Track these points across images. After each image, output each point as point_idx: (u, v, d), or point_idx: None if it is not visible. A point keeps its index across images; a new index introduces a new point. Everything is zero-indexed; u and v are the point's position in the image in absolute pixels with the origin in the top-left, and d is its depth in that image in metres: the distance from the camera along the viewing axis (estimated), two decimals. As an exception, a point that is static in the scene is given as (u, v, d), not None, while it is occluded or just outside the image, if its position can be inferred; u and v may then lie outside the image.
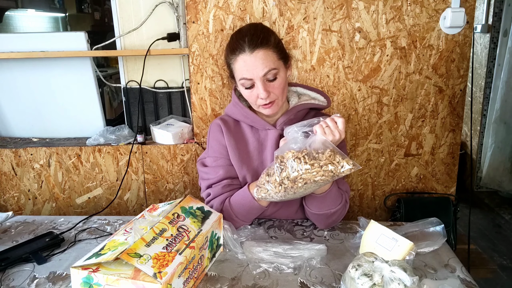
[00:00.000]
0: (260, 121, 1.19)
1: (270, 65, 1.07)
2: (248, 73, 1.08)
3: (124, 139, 1.64)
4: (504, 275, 2.22)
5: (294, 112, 1.19)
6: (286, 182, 0.97)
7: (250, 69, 1.07)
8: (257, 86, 1.09)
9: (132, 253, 0.77)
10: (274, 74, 1.09)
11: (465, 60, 1.47)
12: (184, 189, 1.65)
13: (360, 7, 1.41)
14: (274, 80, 1.09)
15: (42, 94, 1.70)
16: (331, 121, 1.00)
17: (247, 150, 1.20)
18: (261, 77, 1.07)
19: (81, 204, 1.67)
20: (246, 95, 1.14)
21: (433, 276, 0.93)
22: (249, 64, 1.07)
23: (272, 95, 1.10)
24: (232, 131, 1.21)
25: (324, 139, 0.98)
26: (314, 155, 0.97)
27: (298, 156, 0.96)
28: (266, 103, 1.11)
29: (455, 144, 1.56)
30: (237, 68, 1.11)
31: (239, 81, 1.11)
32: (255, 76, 1.07)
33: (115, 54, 1.78)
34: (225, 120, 1.24)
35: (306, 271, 0.95)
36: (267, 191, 1.00)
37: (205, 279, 0.93)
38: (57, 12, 4.14)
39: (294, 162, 0.96)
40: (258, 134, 1.21)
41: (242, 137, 1.21)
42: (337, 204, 1.10)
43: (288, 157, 0.97)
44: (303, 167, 0.95)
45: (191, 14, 1.45)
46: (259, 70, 1.07)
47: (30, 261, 1.01)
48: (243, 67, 1.08)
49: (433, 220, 1.08)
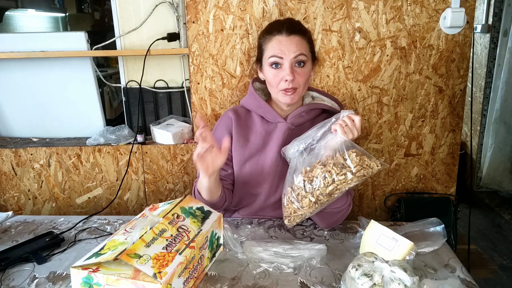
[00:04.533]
0: (272, 112, 1.21)
1: (302, 50, 1.13)
2: (281, 52, 1.12)
3: (124, 139, 1.64)
4: (504, 275, 2.22)
5: (306, 109, 1.21)
6: (321, 197, 0.97)
7: (284, 49, 1.12)
8: (284, 67, 1.12)
9: (132, 254, 0.77)
10: (303, 60, 1.13)
11: (465, 60, 1.47)
12: (184, 189, 1.65)
13: (360, 7, 1.41)
14: (302, 67, 1.14)
15: (42, 94, 1.70)
16: (348, 119, 1.01)
17: (253, 139, 1.22)
18: (292, 59, 1.12)
19: (81, 204, 1.67)
20: (270, 76, 1.16)
21: (433, 276, 0.93)
22: (284, 44, 1.13)
23: (295, 81, 1.13)
24: (242, 119, 1.25)
25: (345, 139, 0.98)
26: (342, 162, 0.95)
27: (328, 169, 0.95)
28: (289, 87, 1.12)
29: (455, 144, 1.56)
30: (269, 47, 1.15)
31: (269, 59, 1.15)
32: (286, 56, 1.12)
33: (115, 54, 1.78)
34: (236, 111, 1.27)
35: (306, 271, 0.95)
36: (302, 215, 1.01)
37: (205, 279, 0.93)
38: (57, 12, 4.14)
39: (326, 176, 0.95)
40: (267, 125, 1.23)
41: (252, 126, 1.24)
42: (343, 204, 1.10)
43: (317, 173, 0.96)
44: (337, 178, 0.95)
45: (191, 14, 1.45)
46: (291, 52, 1.12)
47: (30, 261, 1.01)
48: (277, 46, 1.13)
49: (433, 220, 1.08)
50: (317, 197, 0.97)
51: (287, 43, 1.12)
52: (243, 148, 1.21)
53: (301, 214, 1.02)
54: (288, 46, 1.12)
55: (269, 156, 1.19)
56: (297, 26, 1.17)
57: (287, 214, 1.05)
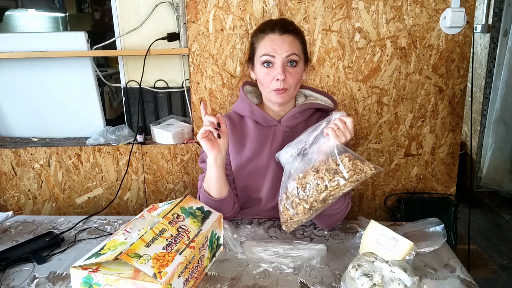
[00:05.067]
0: (266, 116, 1.20)
1: (294, 50, 1.12)
2: (273, 51, 1.11)
3: (124, 139, 1.64)
4: (504, 275, 2.22)
5: (300, 110, 1.20)
6: (316, 204, 0.96)
7: (276, 47, 1.11)
8: (276, 66, 1.11)
9: (132, 254, 0.77)
10: (295, 60, 1.12)
11: (465, 60, 1.47)
12: (184, 189, 1.65)
13: (360, 7, 1.41)
14: (294, 67, 1.13)
15: (42, 94, 1.70)
16: (340, 122, 0.99)
17: (249, 145, 1.21)
18: (284, 58, 1.11)
19: (81, 204, 1.67)
20: (261, 75, 1.15)
21: (433, 276, 0.93)
22: (276, 42, 1.12)
23: (286, 82, 1.12)
24: (236, 126, 1.24)
25: (337, 143, 0.96)
26: (334, 167, 0.95)
27: (321, 176, 0.94)
28: (280, 87, 1.12)
29: (455, 144, 1.56)
30: (261, 45, 1.14)
31: (261, 58, 1.14)
32: (279, 55, 1.11)
33: (115, 54, 1.78)
34: (230, 117, 1.26)
35: (306, 271, 0.95)
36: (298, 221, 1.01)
37: (205, 279, 0.93)
38: (57, 12, 4.14)
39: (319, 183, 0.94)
40: (262, 129, 1.22)
41: (246, 132, 1.23)
42: (341, 205, 1.10)
43: (310, 180, 0.95)
44: (330, 184, 0.94)
45: (191, 14, 1.45)
46: (284, 51, 1.11)
47: (30, 261, 1.01)
48: (269, 45, 1.12)
49: (433, 220, 1.08)
50: (311, 204, 0.96)
51: (280, 42, 1.11)
52: (239, 155, 1.20)
53: (297, 221, 1.02)
54: (280, 45, 1.11)
55: (266, 161, 1.18)
56: (291, 26, 1.16)
57: (284, 220, 1.04)
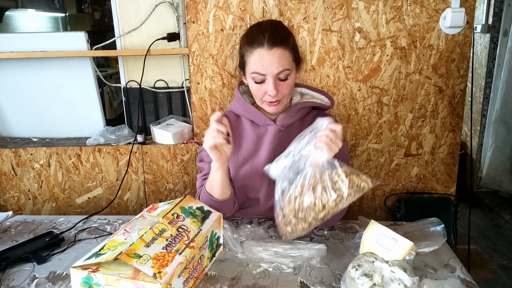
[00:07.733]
0: (261, 116, 1.20)
1: (285, 65, 1.09)
2: (263, 69, 1.09)
3: (124, 139, 1.64)
4: (504, 275, 2.22)
5: (295, 109, 1.20)
6: (314, 222, 0.95)
7: (266, 65, 1.08)
8: (268, 83, 1.10)
9: (132, 254, 0.77)
10: (286, 74, 1.10)
11: (465, 60, 1.47)
12: (184, 189, 1.65)
13: (360, 7, 1.41)
14: (285, 80, 1.11)
15: (42, 94, 1.70)
16: (331, 132, 0.95)
17: (245, 144, 1.21)
18: (275, 75, 1.09)
19: (81, 204, 1.67)
20: (254, 89, 1.14)
21: (433, 276, 0.93)
22: (266, 59, 1.08)
23: (280, 94, 1.11)
24: (232, 125, 1.23)
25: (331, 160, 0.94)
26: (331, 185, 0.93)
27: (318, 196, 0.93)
28: (273, 100, 1.12)
29: (455, 144, 1.56)
30: (251, 61, 1.11)
31: (251, 74, 1.12)
32: (269, 72, 1.08)
33: (115, 54, 1.78)
34: (227, 116, 1.25)
35: (306, 270, 0.95)
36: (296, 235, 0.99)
37: (205, 279, 0.93)
38: (57, 12, 4.14)
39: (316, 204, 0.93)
40: (258, 129, 1.22)
41: (242, 132, 1.23)
42: None
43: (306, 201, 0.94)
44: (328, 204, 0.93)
45: (191, 14, 1.45)
46: (274, 68, 1.08)
47: (30, 261, 1.01)
48: (259, 62, 1.09)
49: (433, 220, 1.08)
50: (310, 223, 0.95)
51: (269, 58, 1.07)
52: (235, 155, 1.20)
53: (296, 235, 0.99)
54: (270, 61, 1.07)
55: (262, 160, 1.18)
56: (279, 36, 1.09)
57: (282, 233, 1.02)
